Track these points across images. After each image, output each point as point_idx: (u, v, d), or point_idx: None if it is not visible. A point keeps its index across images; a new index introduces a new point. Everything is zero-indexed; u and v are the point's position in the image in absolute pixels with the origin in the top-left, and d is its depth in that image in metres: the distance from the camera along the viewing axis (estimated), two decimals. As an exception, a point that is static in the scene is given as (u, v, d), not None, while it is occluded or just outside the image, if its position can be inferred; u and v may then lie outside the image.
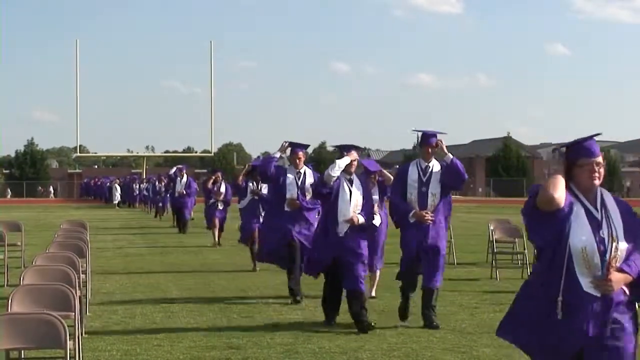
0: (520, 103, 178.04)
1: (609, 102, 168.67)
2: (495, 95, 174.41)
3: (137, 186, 45.99)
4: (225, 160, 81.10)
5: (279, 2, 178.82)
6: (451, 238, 15.15)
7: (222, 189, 20.20)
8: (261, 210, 13.94)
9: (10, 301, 6.40)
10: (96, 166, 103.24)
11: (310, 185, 10.66)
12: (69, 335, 5.62)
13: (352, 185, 9.14)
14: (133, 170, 71.60)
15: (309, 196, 10.85)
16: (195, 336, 8.58)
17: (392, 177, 10.12)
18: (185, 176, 25.56)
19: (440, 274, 9.13)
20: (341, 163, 8.99)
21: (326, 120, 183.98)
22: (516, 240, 14.36)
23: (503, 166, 76.80)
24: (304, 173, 11.09)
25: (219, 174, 20.77)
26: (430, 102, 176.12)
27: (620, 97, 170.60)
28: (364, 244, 9.14)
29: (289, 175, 11.00)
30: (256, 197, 14.23)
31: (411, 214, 9.00)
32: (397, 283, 9.47)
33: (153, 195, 36.82)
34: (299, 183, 10.98)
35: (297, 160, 11.09)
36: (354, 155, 9.15)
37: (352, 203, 9.04)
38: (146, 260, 16.52)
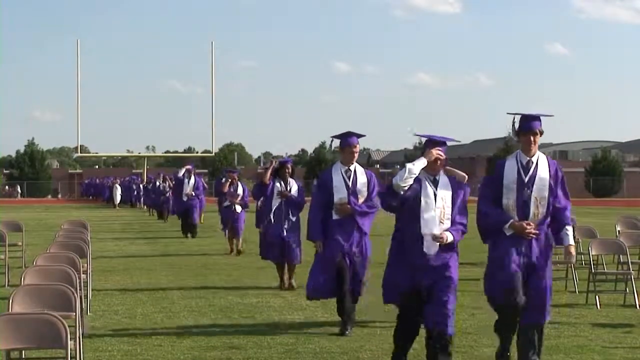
0: (520, 103, 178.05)
1: (609, 102, 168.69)
2: (495, 95, 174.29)
3: (139, 186, 46.00)
4: (226, 160, 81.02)
5: (279, 2, 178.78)
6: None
7: (239, 190, 18.43)
8: (290, 215, 12.31)
9: (11, 301, 6.40)
10: (97, 166, 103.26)
11: (363, 185, 8.94)
12: (70, 335, 5.62)
13: (437, 188, 6.93)
14: (134, 171, 71.61)
15: (361, 200, 8.91)
16: (196, 336, 8.59)
17: (464, 175, 7.54)
18: (193, 177, 23.71)
19: (549, 304, 7.01)
20: (415, 167, 6.84)
21: (326, 120, 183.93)
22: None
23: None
24: (355, 171, 9.02)
25: (235, 175, 18.92)
26: (430, 102, 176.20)
27: (621, 97, 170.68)
28: (455, 265, 6.99)
29: (334, 174, 9.01)
30: (284, 200, 12.25)
31: (507, 225, 6.91)
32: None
33: (156, 196, 34.53)
34: (350, 183, 8.97)
35: (351, 155, 8.96)
36: (434, 153, 6.91)
37: (437, 212, 6.90)
38: (147, 261, 16.53)
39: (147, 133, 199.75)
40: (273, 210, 12.22)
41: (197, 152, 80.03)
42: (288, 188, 12.20)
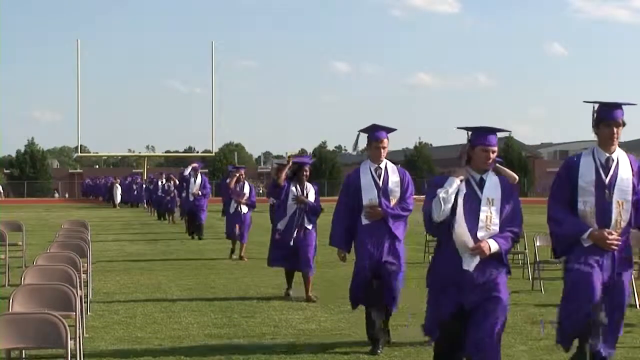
0: (520, 103, 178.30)
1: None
2: (495, 95, 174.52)
3: (140, 186, 45.91)
4: (227, 160, 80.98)
5: (279, 2, 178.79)
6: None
7: (246, 189, 16.94)
8: (306, 222, 11.07)
9: (11, 301, 6.40)
10: (97, 166, 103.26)
11: (395, 185, 7.96)
12: (70, 335, 5.61)
13: (481, 190, 5.82)
14: (134, 170, 71.59)
15: (393, 201, 7.93)
16: (197, 336, 8.59)
17: (515, 176, 6.65)
18: (199, 175, 22.67)
19: (617, 335, 6.06)
20: (449, 195, 5.78)
21: (326, 120, 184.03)
22: (517, 240, 14.31)
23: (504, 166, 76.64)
24: (385, 168, 8.00)
25: (242, 172, 17.35)
26: (430, 102, 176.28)
27: (621, 97, 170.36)
28: (503, 282, 5.84)
29: (362, 173, 8.01)
30: (301, 207, 11.03)
31: (586, 235, 5.84)
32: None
33: (157, 196, 33.45)
34: (380, 182, 7.97)
35: (378, 150, 7.93)
36: (481, 153, 5.88)
37: (482, 217, 5.75)
38: (147, 260, 16.52)
39: (147, 133, 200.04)
40: (288, 217, 11.03)
41: (197, 152, 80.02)
42: (305, 193, 10.98)
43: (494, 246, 5.72)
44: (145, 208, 41.95)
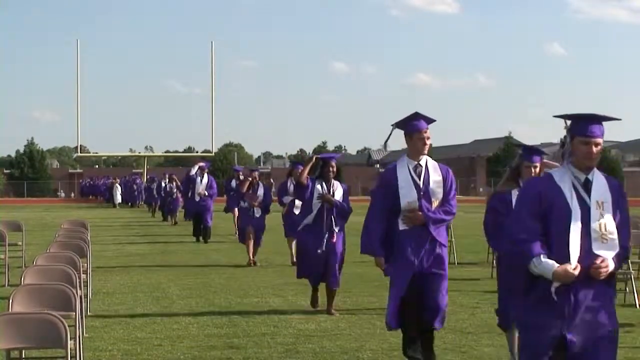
0: (520, 103, 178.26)
1: (609, 102, 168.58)
2: (495, 95, 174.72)
3: (140, 186, 45.88)
4: (227, 160, 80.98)
5: (278, 2, 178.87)
6: (452, 238, 15.14)
7: (260, 191, 15.77)
8: (333, 225, 9.91)
9: (11, 301, 6.40)
10: (97, 166, 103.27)
11: (437, 185, 6.98)
12: (70, 335, 5.61)
13: (588, 193, 4.57)
14: (134, 170, 71.59)
15: (435, 203, 6.95)
16: (196, 336, 8.59)
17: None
18: (206, 175, 21.75)
19: None
20: (554, 272, 4.44)
21: (326, 120, 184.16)
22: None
23: (504, 166, 76.78)
24: (426, 166, 6.98)
25: (256, 174, 16.11)
26: (430, 102, 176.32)
27: (621, 96, 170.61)
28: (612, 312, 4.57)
29: (400, 171, 6.96)
30: (328, 207, 9.90)
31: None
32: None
33: (159, 196, 32.92)
34: (421, 182, 6.95)
35: (420, 142, 6.84)
36: (581, 147, 4.62)
37: (595, 227, 4.50)
38: (147, 260, 16.52)
39: (147, 133, 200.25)
40: (313, 217, 9.91)
41: (196, 152, 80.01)
42: (332, 192, 9.91)
43: (611, 266, 4.52)
44: (146, 208, 41.78)
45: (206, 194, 21.45)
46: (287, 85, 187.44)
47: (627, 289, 10.97)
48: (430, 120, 6.94)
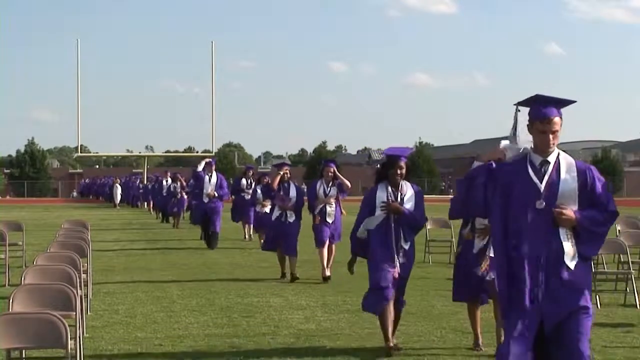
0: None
1: (609, 102, 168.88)
2: (493, 95, 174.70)
3: (140, 185, 45.79)
4: (226, 160, 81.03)
5: (278, 2, 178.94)
6: (452, 237, 15.14)
7: (292, 192, 13.22)
8: (402, 241, 7.87)
9: (11, 301, 6.40)
10: (97, 166, 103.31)
11: (570, 186, 5.13)
12: (70, 335, 5.62)
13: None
14: (134, 170, 71.59)
15: (574, 208, 5.16)
16: (197, 336, 8.59)
17: None
18: (214, 173, 19.37)
19: None
20: None
21: (326, 120, 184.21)
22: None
23: (504, 166, 76.61)
24: (557, 162, 5.20)
25: (287, 169, 13.61)
26: (430, 102, 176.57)
27: (621, 96, 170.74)
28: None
29: (520, 169, 5.21)
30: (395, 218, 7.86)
31: None
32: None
33: (162, 196, 30.63)
34: (546, 182, 5.19)
35: (546, 135, 5.12)
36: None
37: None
38: (147, 260, 16.52)
39: (147, 133, 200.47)
40: (380, 220, 7.90)
41: (197, 152, 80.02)
42: (400, 197, 7.95)
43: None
44: (146, 208, 41.42)
45: (216, 194, 19.14)
46: (287, 85, 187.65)
47: (627, 289, 10.97)
48: (563, 104, 5.34)
